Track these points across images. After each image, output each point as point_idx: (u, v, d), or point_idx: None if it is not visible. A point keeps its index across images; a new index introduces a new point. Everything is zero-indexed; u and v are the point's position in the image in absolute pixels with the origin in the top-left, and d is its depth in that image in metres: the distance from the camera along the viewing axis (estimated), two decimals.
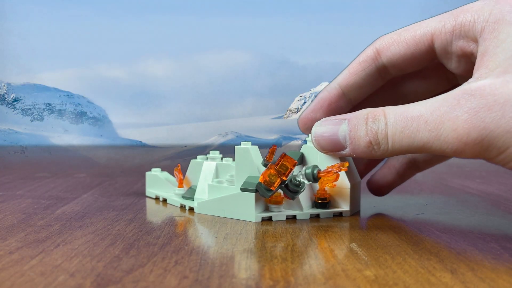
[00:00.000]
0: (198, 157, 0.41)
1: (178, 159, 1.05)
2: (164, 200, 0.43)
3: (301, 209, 0.35)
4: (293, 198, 0.34)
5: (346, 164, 0.33)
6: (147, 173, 0.46)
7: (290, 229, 0.32)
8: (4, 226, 0.33)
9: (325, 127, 0.32)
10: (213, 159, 0.40)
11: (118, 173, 0.70)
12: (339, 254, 0.26)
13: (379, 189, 0.41)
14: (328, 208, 0.36)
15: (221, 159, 0.40)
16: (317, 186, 0.36)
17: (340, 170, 0.33)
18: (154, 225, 0.33)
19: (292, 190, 0.33)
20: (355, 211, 0.37)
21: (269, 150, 0.34)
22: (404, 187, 0.50)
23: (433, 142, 0.27)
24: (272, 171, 0.32)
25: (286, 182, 0.33)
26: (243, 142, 0.35)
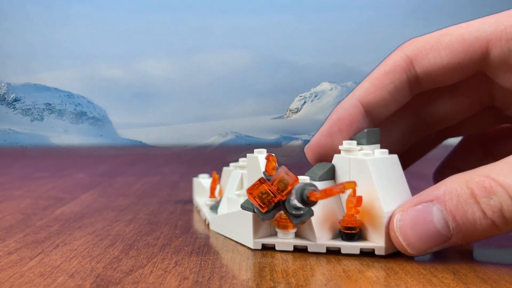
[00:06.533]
0: (231, 164, 0.36)
1: (179, 160, 1.05)
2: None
3: (314, 238, 0.26)
4: (295, 224, 0.26)
5: (351, 183, 0.24)
6: (194, 179, 0.42)
7: None
8: (3, 227, 0.33)
9: (414, 212, 0.24)
10: (241, 167, 0.33)
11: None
12: (341, 255, 0.26)
13: None
14: (355, 240, 0.26)
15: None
16: (344, 210, 0.27)
17: (341, 192, 0.24)
18: (154, 226, 0.33)
19: (292, 213, 0.25)
20: (395, 249, 0.25)
21: (266, 159, 0.26)
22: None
23: None
24: (264, 187, 0.25)
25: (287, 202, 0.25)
26: (257, 150, 0.28)
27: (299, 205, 0.24)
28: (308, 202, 0.24)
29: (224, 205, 0.32)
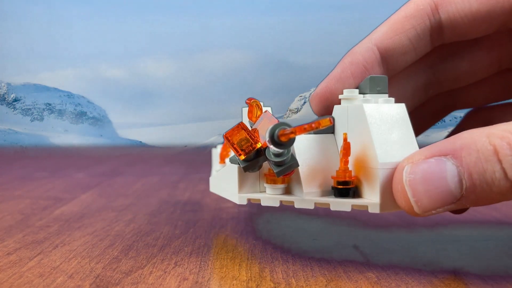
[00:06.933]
0: None
1: (179, 160, 1.05)
2: None
3: (302, 193, 0.23)
4: (277, 174, 0.22)
5: (326, 120, 0.20)
6: (213, 149, 0.38)
7: (293, 225, 0.32)
8: (2, 227, 0.33)
9: (426, 166, 0.20)
10: None
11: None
12: (341, 255, 0.26)
13: None
14: (350, 197, 0.23)
15: None
16: (337, 163, 0.24)
17: (313, 128, 0.20)
18: (154, 226, 0.33)
19: (274, 162, 0.22)
20: (394, 207, 0.22)
21: (248, 104, 0.24)
22: None
23: None
24: (244, 133, 0.22)
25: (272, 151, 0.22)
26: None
27: (275, 148, 0.21)
28: (280, 142, 0.21)
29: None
